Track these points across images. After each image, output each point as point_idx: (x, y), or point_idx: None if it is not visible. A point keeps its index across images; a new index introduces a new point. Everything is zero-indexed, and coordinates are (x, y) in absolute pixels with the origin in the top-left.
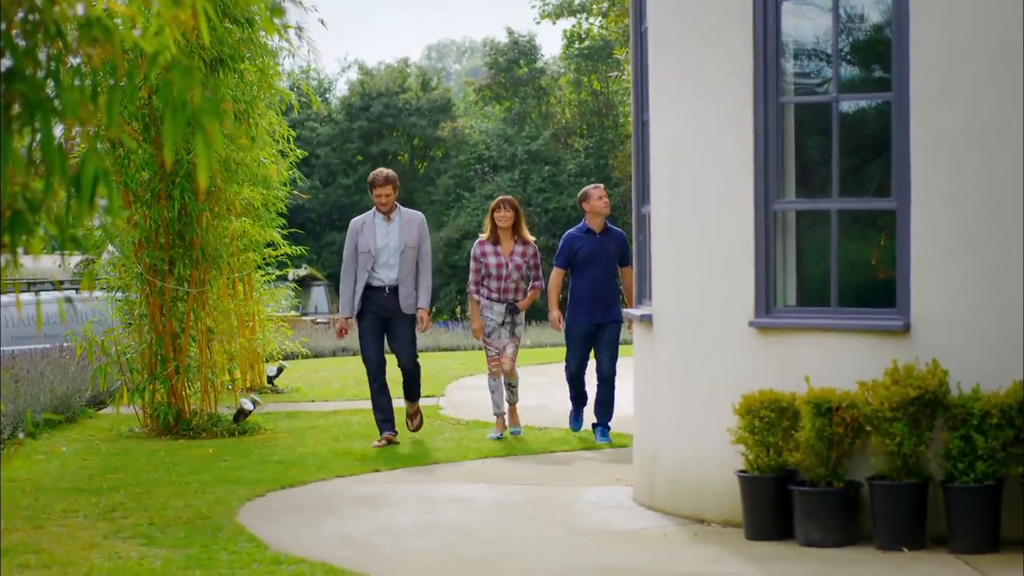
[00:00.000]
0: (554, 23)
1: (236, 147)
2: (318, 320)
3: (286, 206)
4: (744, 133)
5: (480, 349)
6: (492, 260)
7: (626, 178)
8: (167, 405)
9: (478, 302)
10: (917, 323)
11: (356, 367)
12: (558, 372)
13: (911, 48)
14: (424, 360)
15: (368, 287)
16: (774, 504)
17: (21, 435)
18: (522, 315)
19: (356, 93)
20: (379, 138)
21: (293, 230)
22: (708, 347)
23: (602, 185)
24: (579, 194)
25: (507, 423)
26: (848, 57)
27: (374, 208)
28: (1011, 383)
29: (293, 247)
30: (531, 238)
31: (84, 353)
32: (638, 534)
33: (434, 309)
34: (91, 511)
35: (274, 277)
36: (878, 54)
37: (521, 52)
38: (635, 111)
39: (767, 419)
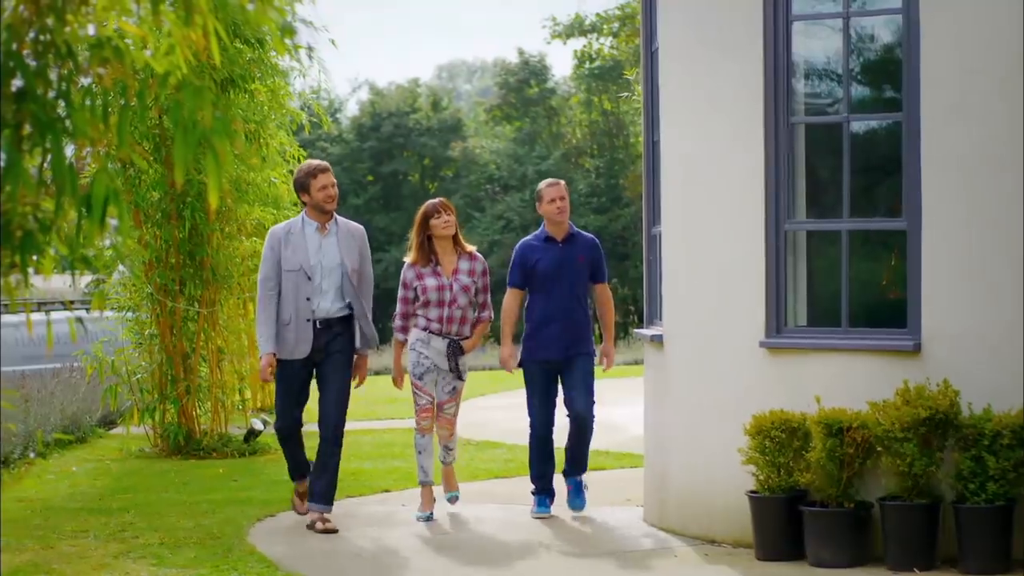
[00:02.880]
0: (565, 43)
1: (247, 167)
2: None
3: None
4: (755, 153)
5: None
6: (431, 282)
7: (637, 198)
8: (177, 425)
9: (403, 343)
10: (928, 343)
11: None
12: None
13: (922, 68)
14: None
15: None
16: (785, 525)
17: (32, 455)
18: (466, 358)
19: (367, 113)
20: (389, 158)
21: None
22: (718, 367)
23: (562, 182)
24: (535, 192)
25: (439, 489)
26: (859, 77)
27: (303, 215)
28: (1022, 403)
29: None
30: (474, 250)
31: (94, 373)
32: (648, 555)
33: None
34: (102, 531)
35: None
36: (889, 74)
37: (532, 72)
38: (646, 131)
39: (778, 439)
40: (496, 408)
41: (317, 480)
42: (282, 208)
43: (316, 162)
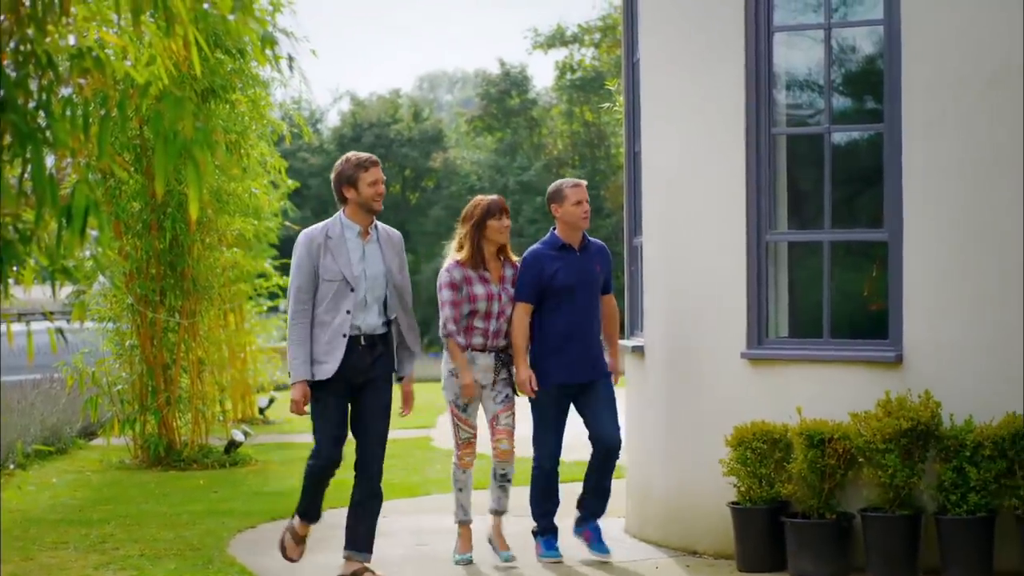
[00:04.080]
0: (546, 54)
1: (227, 178)
2: None
3: (278, 237)
4: (736, 164)
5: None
6: (479, 289)
7: (618, 209)
8: (158, 436)
9: (464, 348)
10: (909, 354)
11: None
12: None
13: (903, 79)
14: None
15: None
16: (766, 536)
17: (12, 466)
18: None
19: (348, 123)
20: None
21: (284, 261)
22: (700, 378)
23: (584, 183)
24: (549, 192)
25: (493, 546)
26: (840, 88)
27: (341, 217)
28: (1004, 414)
29: (284, 278)
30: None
31: (75, 384)
32: (630, 566)
33: (425, 341)
34: (82, 543)
35: (265, 308)
36: (870, 85)
37: (513, 83)
38: (627, 142)
39: (759, 450)
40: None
41: (357, 525)
42: (263, 219)
43: (364, 154)
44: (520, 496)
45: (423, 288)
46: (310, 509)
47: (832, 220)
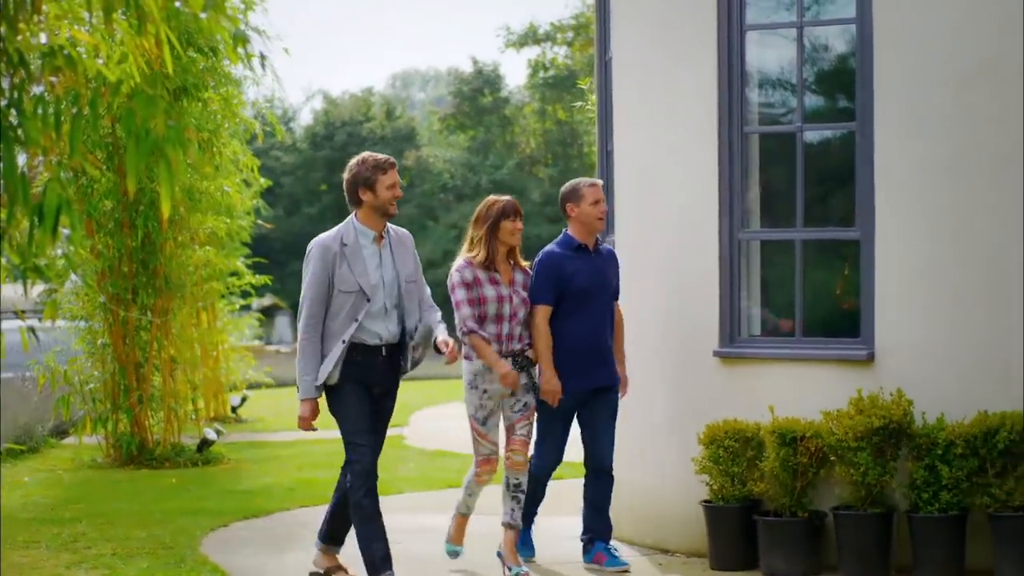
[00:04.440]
0: (518, 52)
1: (200, 176)
2: (282, 349)
3: (250, 235)
4: (709, 162)
5: (448, 379)
6: (490, 292)
7: None
8: (130, 435)
9: (488, 340)
10: (881, 353)
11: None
12: None
13: (875, 78)
14: None
15: (354, 347)
16: (738, 534)
17: None
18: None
19: (320, 122)
20: (343, 167)
21: (257, 259)
22: (672, 376)
23: (600, 182)
24: (564, 190)
25: (503, 560)
26: (813, 87)
27: (354, 222)
28: (976, 413)
29: (257, 276)
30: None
31: (47, 383)
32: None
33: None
34: (54, 542)
35: (238, 307)
36: (843, 84)
37: (486, 81)
38: (600, 141)
39: (731, 449)
40: (447, 418)
41: (344, 525)
42: (235, 217)
43: (380, 155)
44: (491, 495)
45: None
46: (369, 542)
47: (805, 219)
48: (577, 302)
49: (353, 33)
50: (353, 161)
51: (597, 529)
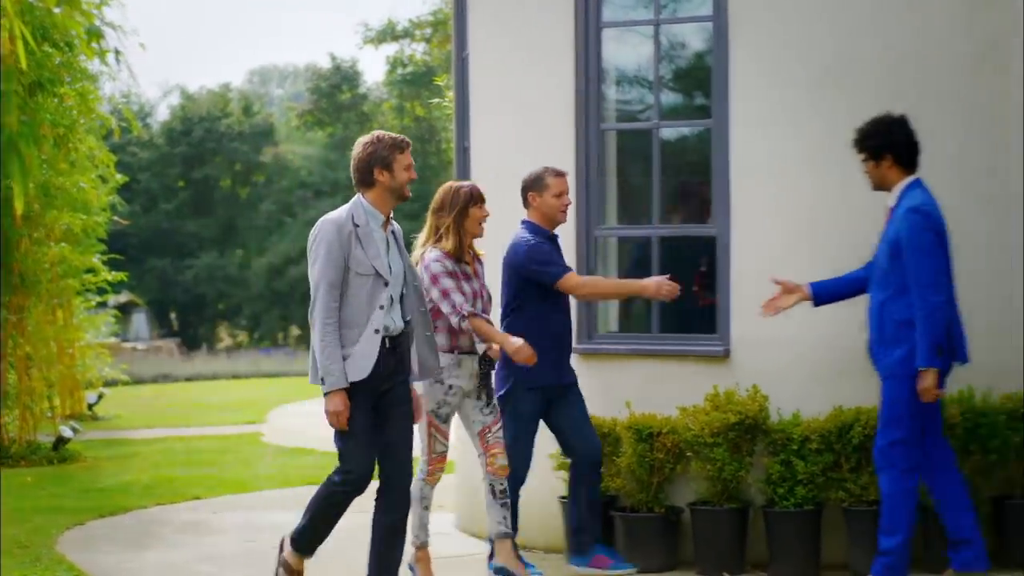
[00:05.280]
0: (377, 48)
1: (55, 172)
2: (138, 346)
3: (106, 231)
4: (566, 159)
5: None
6: (465, 288)
7: None
8: None
9: (450, 350)
10: (737, 348)
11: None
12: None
13: (731, 75)
14: (242, 386)
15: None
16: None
17: None
18: None
19: (177, 118)
20: (201, 163)
21: (113, 256)
22: None
23: (566, 172)
24: (527, 178)
25: (509, 570)
26: (670, 84)
27: (363, 203)
28: (831, 408)
29: (113, 273)
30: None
31: None
32: (459, 561)
33: (257, 335)
34: None
35: (94, 304)
36: (699, 81)
37: (344, 77)
38: (457, 137)
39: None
40: (306, 415)
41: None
42: (91, 214)
43: (395, 134)
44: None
45: (253, 284)
46: (315, 541)
47: (661, 215)
48: (555, 294)
49: (211, 28)
50: (365, 140)
51: (594, 530)
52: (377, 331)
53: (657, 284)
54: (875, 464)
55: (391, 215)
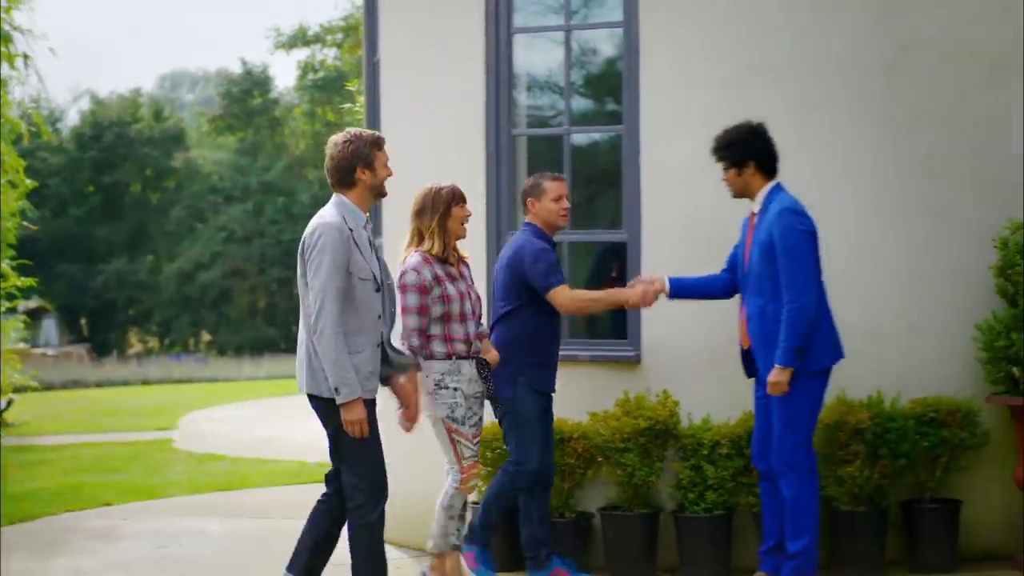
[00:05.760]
0: (288, 53)
1: None
2: (48, 352)
3: (16, 237)
4: (476, 165)
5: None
6: (452, 289)
7: None
8: None
9: (448, 357)
10: (648, 354)
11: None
12: (289, 403)
13: (642, 80)
14: (153, 392)
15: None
16: (506, 535)
17: None
18: None
19: (88, 123)
20: (111, 168)
21: (23, 261)
22: None
23: (564, 177)
24: (526, 184)
25: None
26: (581, 90)
27: (343, 202)
28: (741, 413)
29: (23, 279)
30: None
31: None
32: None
33: (167, 341)
34: None
35: (4, 309)
36: (610, 87)
37: (255, 82)
38: None
39: (499, 450)
40: (218, 420)
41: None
42: (1, 219)
43: (369, 130)
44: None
45: (163, 289)
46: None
47: (573, 221)
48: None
49: (121, 33)
50: (342, 138)
51: (549, 544)
52: (378, 345)
53: (641, 294)
54: (774, 469)
55: (369, 214)
